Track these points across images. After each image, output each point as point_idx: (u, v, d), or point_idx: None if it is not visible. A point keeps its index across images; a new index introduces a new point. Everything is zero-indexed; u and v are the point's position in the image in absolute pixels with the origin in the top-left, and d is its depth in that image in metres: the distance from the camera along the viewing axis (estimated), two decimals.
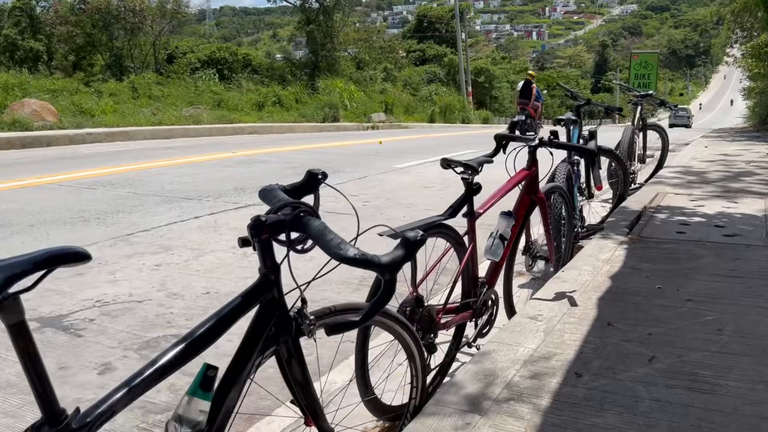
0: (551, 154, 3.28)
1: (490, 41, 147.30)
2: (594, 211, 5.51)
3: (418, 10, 61.59)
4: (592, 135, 3.94)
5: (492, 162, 2.96)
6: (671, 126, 48.20)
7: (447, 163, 2.72)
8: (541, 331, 2.76)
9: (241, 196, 7.26)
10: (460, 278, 2.85)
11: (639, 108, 7.01)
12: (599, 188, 4.47)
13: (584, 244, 4.99)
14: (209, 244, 5.24)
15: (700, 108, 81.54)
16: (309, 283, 1.66)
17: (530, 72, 17.94)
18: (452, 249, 2.78)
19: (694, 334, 2.67)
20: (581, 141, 4.87)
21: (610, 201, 6.01)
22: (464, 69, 39.73)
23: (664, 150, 7.77)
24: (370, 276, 1.49)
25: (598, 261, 3.79)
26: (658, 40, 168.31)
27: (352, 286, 4.11)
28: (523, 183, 3.24)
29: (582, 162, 5.10)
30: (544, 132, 3.53)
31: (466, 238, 2.83)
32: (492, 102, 53.07)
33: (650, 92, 7.40)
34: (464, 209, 2.79)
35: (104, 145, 13.57)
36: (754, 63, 25.52)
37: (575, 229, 4.33)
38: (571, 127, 4.50)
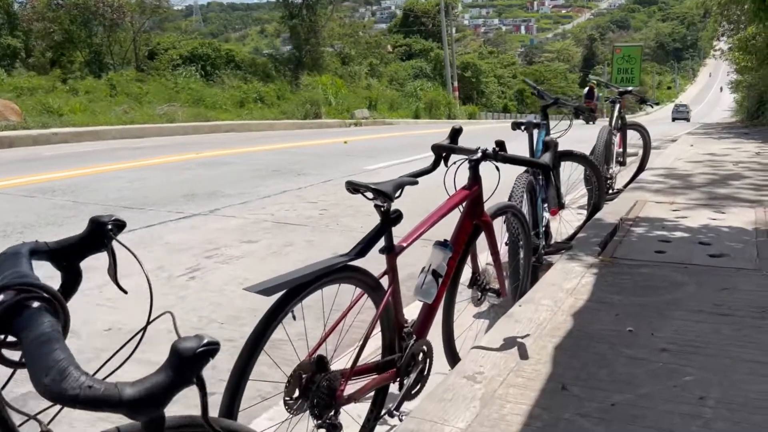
0: (497, 169, 2.70)
1: (478, 36, 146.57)
2: (566, 220, 4.93)
3: (405, 4, 60.84)
4: (548, 146, 3.31)
5: (417, 183, 2.37)
6: (674, 120, 49.59)
7: (353, 188, 2.12)
8: (477, 399, 2.16)
9: (188, 204, 6.65)
10: (380, 330, 2.27)
11: (617, 106, 6.42)
12: (554, 212, 3.78)
13: (553, 259, 4.42)
14: (133, 264, 4.57)
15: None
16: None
17: (592, 82, 18.65)
18: (366, 295, 2.20)
19: (669, 404, 2.08)
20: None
21: (586, 208, 5.43)
22: (450, 64, 39.13)
23: (646, 151, 7.19)
24: None
25: (561, 291, 3.20)
26: (646, 34, 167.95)
27: None
28: (463, 204, 2.66)
29: None
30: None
31: (385, 280, 2.24)
32: (479, 97, 52.59)
33: (629, 88, 6.79)
34: (382, 243, 2.21)
35: (70, 146, 12.91)
36: (741, 56, 25.02)
37: (539, 250, 3.74)
38: (535, 132, 3.91)
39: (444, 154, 2.75)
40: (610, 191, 6.13)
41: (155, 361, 0.73)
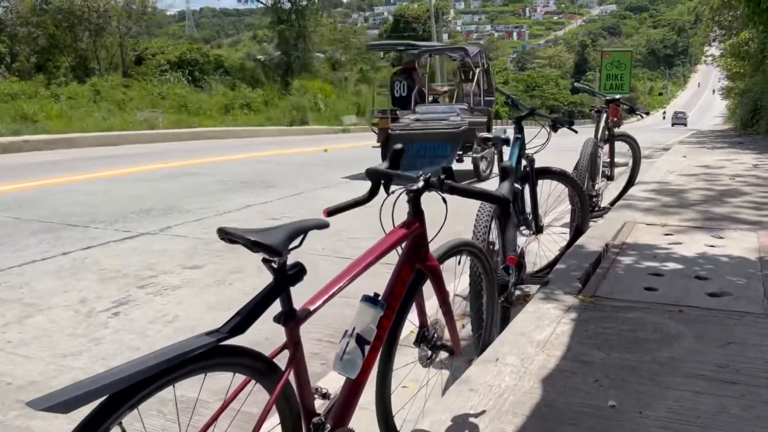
0: (444, 201, 2.13)
1: (470, 41, 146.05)
2: (545, 246, 4.35)
3: (396, 10, 60.38)
4: (507, 172, 2.64)
5: (326, 226, 1.79)
6: (673, 125, 55.26)
7: (228, 237, 1.53)
8: None
9: (139, 221, 6.06)
10: (280, 423, 1.69)
11: (604, 116, 5.84)
12: (511, 260, 3.06)
13: (529, 288, 3.84)
14: (54, 295, 4.03)
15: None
16: None
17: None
18: (253, 381, 1.62)
19: None
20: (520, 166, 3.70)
21: (569, 228, 4.84)
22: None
23: (636, 164, 6.61)
24: None
25: (531, 344, 2.61)
26: (637, 40, 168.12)
27: None
28: (403, 246, 2.09)
29: (525, 189, 3.94)
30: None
31: (285, 355, 1.66)
32: None
33: (616, 96, 6.18)
34: (280, 307, 1.63)
35: (41, 154, 12.32)
36: (733, 62, 24.55)
37: (508, 288, 3.15)
38: (503, 148, 3.32)
39: (383, 182, 2.18)
40: (596, 209, 5.55)
41: None
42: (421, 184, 2.06)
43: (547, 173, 4.05)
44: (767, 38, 13.75)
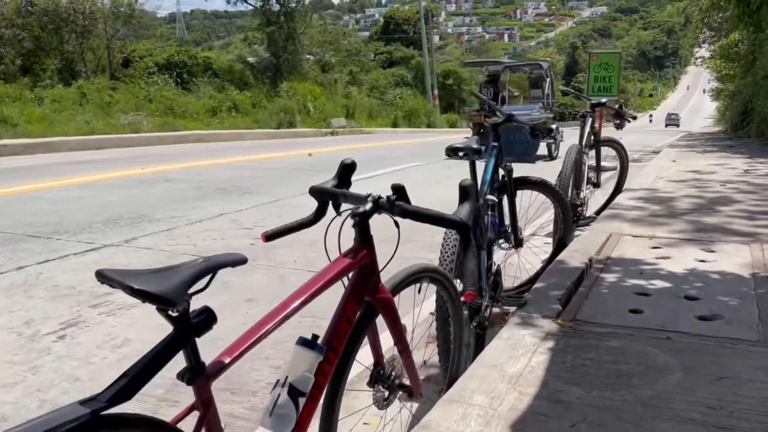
0: (396, 225, 1.86)
1: (461, 44, 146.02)
2: (527, 259, 4.07)
3: (387, 12, 60.11)
4: (467, 192, 2.29)
5: (244, 262, 1.52)
6: (667, 126, 58.43)
7: (106, 282, 1.25)
8: None
9: (105, 231, 5.76)
10: None
11: (589, 120, 5.56)
12: (469, 296, 2.72)
13: (509, 308, 3.57)
14: None
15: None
16: None
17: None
18: None
19: None
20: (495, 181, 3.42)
21: (552, 239, 4.57)
22: (430, 71, 38.45)
23: (623, 171, 6.34)
24: None
25: (502, 380, 2.33)
26: (628, 42, 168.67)
27: None
28: (350, 276, 1.81)
29: (503, 200, 3.68)
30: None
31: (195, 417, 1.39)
32: (461, 105, 52.01)
33: (602, 100, 5.89)
34: (184, 361, 1.36)
35: (19, 159, 12.00)
36: (723, 64, 24.37)
37: (481, 312, 2.88)
38: (477, 161, 3.04)
39: (332, 201, 1.91)
40: (581, 219, 5.29)
41: None
42: (369, 206, 1.79)
43: (527, 183, 3.79)
44: (757, 39, 13.54)
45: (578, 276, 3.54)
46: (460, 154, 2.98)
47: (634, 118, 5.72)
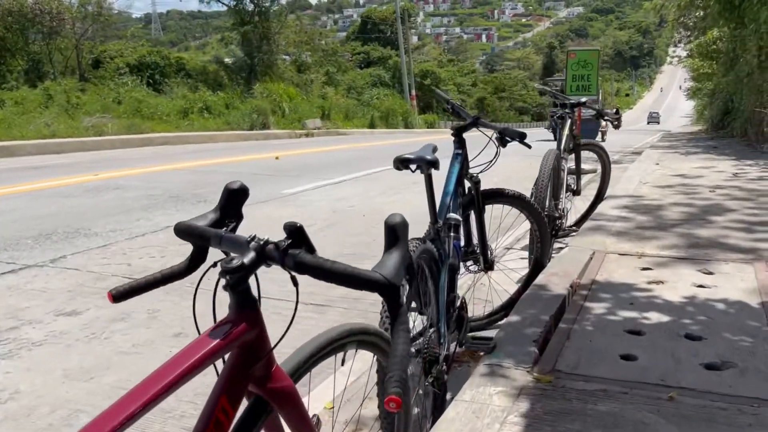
0: (294, 283, 1.27)
1: (440, 44, 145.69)
2: (499, 282, 3.50)
3: (364, 12, 59.52)
4: (394, 233, 1.69)
5: None
6: (648, 123, 62.37)
7: None
8: None
9: (33, 248, 5.12)
10: None
11: (568, 123, 5.00)
12: (391, 402, 2.10)
13: (480, 353, 3.00)
14: None
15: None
16: None
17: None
18: None
19: None
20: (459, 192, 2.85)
21: (529, 257, 3.99)
22: (407, 72, 37.94)
23: (605, 176, 5.78)
24: None
25: None
26: (604, 42, 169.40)
27: None
28: (226, 360, 1.21)
29: (470, 216, 3.11)
30: None
31: None
32: (439, 105, 51.66)
33: (582, 99, 5.27)
34: None
35: None
36: (701, 62, 24.03)
37: (439, 363, 2.30)
38: (432, 173, 2.47)
39: (200, 246, 1.31)
40: (561, 231, 4.72)
41: None
42: (250, 256, 1.18)
43: (498, 197, 3.23)
44: (740, 35, 13.09)
45: (558, 307, 2.96)
46: (412, 167, 2.41)
47: (618, 119, 5.10)
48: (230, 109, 24.11)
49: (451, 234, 2.69)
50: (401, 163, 2.40)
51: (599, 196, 5.76)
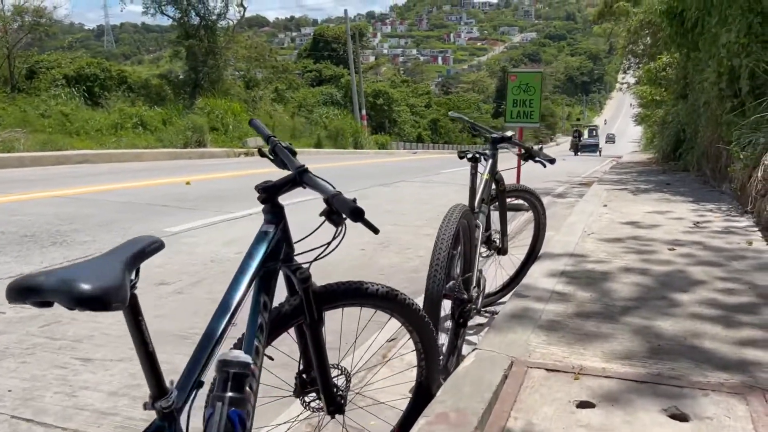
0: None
1: (396, 65, 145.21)
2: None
3: (316, 29, 58.29)
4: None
5: None
6: (606, 143, 68.82)
7: None
8: None
9: None
10: None
11: (489, 163, 3.63)
12: None
13: None
14: None
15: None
16: None
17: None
18: None
19: None
20: None
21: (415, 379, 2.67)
22: (357, 91, 36.78)
23: (539, 233, 4.46)
24: None
25: None
26: (556, 67, 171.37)
27: None
28: None
29: None
30: None
31: None
32: (392, 126, 50.65)
33: (508, 134, 3.76)
34: None
35: None
36: (648, 90, 23.29)
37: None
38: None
39: None
40: (470, 316, 3.38)
41: None
42: None
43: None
44: (693, 61, 12.08)
45: None
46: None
47: (552, 161, 3.79)
48: (167, 125, 22.57)
49: None
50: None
51: (531, 256, 4.46)
